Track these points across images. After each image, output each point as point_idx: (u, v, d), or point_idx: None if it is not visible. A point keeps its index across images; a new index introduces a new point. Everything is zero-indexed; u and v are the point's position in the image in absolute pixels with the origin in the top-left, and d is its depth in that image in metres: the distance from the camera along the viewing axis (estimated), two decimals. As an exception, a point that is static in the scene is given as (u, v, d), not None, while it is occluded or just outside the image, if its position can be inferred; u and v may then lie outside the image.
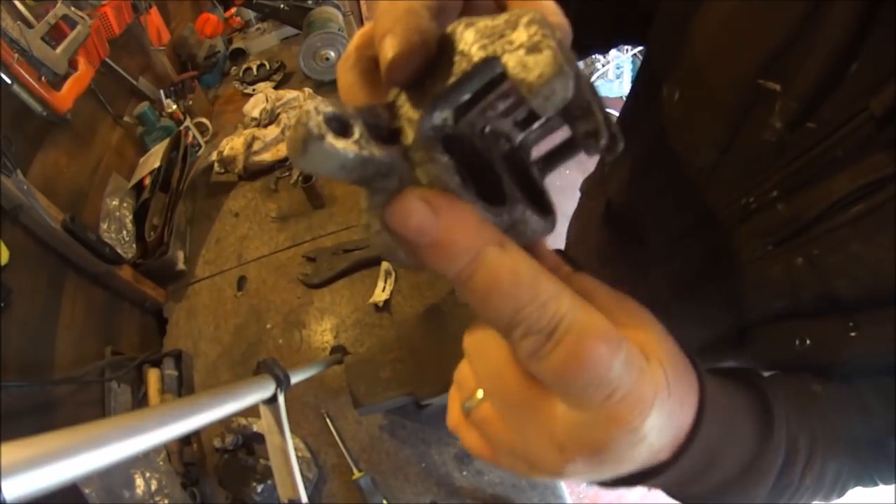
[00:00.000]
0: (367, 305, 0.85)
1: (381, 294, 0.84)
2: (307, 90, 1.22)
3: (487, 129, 0.20)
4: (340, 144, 0.14)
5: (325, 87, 1.36)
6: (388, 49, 0.16)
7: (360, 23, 2.74)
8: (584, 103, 0.18)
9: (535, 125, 0.21)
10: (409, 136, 0.16)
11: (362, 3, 2.66)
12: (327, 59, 1.30)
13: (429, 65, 0.17)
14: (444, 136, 0.17)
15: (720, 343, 0.48)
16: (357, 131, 0.15)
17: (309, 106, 0.14)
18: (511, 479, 0.65)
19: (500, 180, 0.19)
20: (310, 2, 1.46)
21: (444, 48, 0.17)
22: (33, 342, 0.67)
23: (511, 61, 0.14)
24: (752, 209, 0.38)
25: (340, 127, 0.15)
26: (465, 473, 0.66)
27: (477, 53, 0.15)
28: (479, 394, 0.23)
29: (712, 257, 0.44)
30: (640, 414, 0.17)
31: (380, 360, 0.61)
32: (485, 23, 0.16)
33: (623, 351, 0.17)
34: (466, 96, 0.17)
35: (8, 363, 0.60)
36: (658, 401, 0.18)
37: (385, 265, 0.87)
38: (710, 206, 0.42)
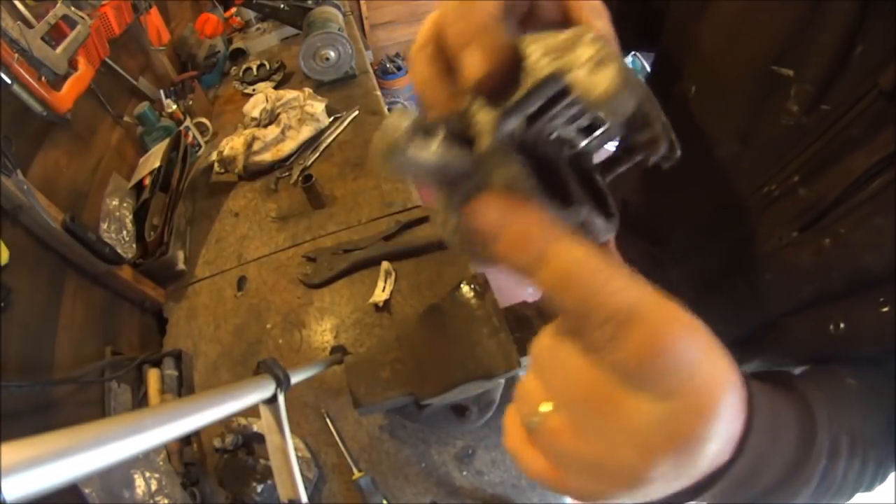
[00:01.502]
0: (367, 305, 0.85)
1: (381, 294, 0.84)
2: (307, 90, 1.22)
3: (554, 135, 0.21)
4: (423, 154, 0.16)
5: (325, 86, 1.36)
6: (474, 67, 0.18)
7: (360, 23, 2.75)
8: (644, 114, 0.20)
9: (598, 132, 0.22)
10: (485, 142, 0.18)
11: (362, 3, 2.66)
12: (327, 59, 1.30)
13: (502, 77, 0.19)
14: (515, 142, 0.19)
15: (749, 341, 0.48)
16: (439, 139, 0.17)
17: (393, 118, 0.16)
18: (511, 479, 0.65)
19: (567, 184, 0.21)
20: (310, 2, 1.46)
21: (514, 60, 0.18)
22: (33, 342, 0.67)
23: (578, 77, 0.16)
24: (774, 197, 0.39)
25: (424, 135, 0.16)
26: (465, 473, 0.66)
27: (545, 68, 0.17)
28: (545, 407, 0.22)
29: (737, 251, 0.45)
30: (719, 398, 0.17)
31: (380, 360, 0.61)
32: (550, 39, 0.17)
33: (700, 336, 0.18)
34: (535, 107, 0.19)
35: (8, 363, 0.60)
36: (730, 386, 0.18)
37: (385, 265, 0.87)
38: (732, 198, 0.43)
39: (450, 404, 0.67)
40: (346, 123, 1.22)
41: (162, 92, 1.25)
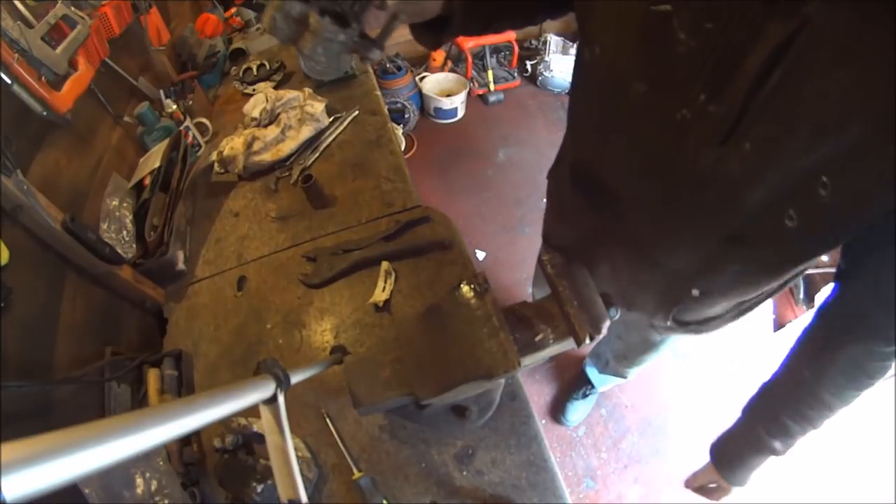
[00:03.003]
0: (367, 305, 0.85)
1: (381, 294, 0.84)
2: (307, 90, 1.22)
3: None
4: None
5: (326, 86, 1.36)
6: None
7: (360, 23, 2.73)
8: None
9: None
10: None
11: (362, 3, 2.66)
12: (327, 59, 1.30)
13: None
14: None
15: (715, 258, 0.52)
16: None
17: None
18: (511, 479, 0.65)
19: (347, 17, 0.44)
20: (310, 2, 1.45)
21: None
22: (33, 342, 0.67)
23: None
24: (689, 120, 0.42)
25: None
26: (465, 473, 0.66)
27: None
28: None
29: (674, 182, 0.48)
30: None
31: (380, 360, 0.61)
32: None
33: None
34: None
35: (8, 363, 0.60)
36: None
37: (385, 265, 0.87)
38: (654, 133, 0.46)
39: (450, 404, 0.67)
40: (346, 123, 1.22)
41: (162, 92, 1.25)
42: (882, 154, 0.34)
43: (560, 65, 2.81)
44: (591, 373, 1.52)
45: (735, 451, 0.72)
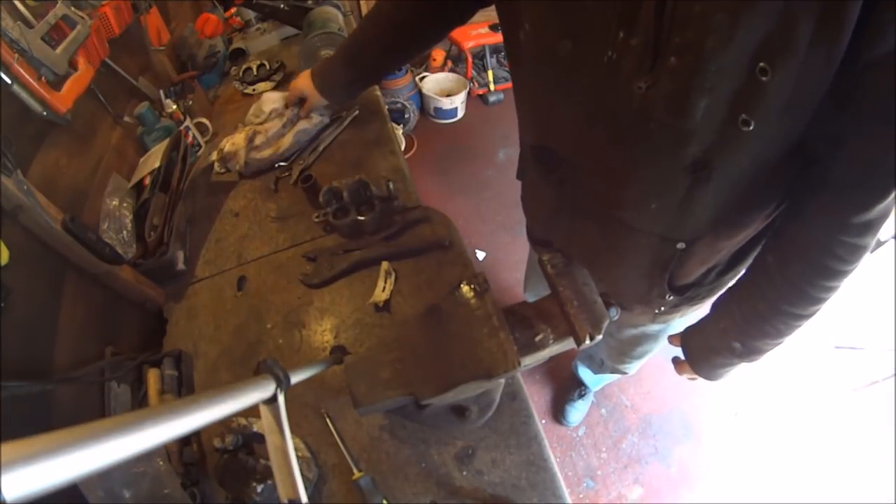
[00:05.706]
0: (367, 305, 0.85)
1: (381, 294, 0.84)
2: (307, 90, 1.21)
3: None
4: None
5: (325, 87, 1.36)
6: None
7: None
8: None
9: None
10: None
11: (362, 2, 2.66)
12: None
13: None
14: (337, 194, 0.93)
15: (686, 195, 0.51)
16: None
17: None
18: (511, 479, 0.65)
19: (348, 208, 0.93)
20: (310, 2, 1.46)
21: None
22: (33, 342, 0.67)
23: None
24: (615, 60, 0.44)
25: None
26: (465, 473, 0.66)
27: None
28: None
29: (617, 124, 0.49)
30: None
31: (380, 360, 0.61)
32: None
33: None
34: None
35: (8, 363, 0.60)
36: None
37: (385, 265, 0.87)
38: (589, 83, 0.48)
39: (450, 404, 0.67)
40: (345, 123, 1.22)
41: (162, 92, 1.24)
42: (801, 15, 0.34)
43: (560, 65, 2.82)
44: (584, 374, 1.52)
45: (698, 344, 0.71)
